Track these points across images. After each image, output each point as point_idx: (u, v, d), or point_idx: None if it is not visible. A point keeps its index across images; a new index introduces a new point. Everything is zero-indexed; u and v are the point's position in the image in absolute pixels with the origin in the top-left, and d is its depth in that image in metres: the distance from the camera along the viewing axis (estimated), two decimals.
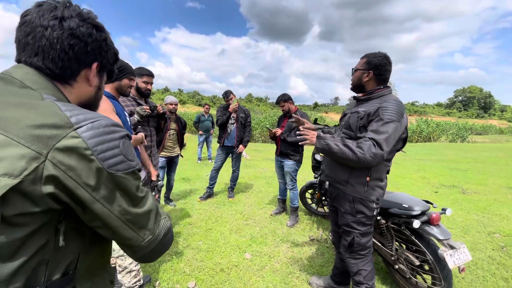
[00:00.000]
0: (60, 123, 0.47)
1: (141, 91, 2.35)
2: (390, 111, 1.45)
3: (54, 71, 0.58)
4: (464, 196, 4.80)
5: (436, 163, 8.24)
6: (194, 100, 79.99)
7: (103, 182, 0.50)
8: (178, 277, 2.22)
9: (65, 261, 0.53)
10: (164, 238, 0.64)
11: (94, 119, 0.51)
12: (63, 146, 0.46)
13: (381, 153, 1.40)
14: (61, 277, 0.53)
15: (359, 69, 1.66)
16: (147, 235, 0.59)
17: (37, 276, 0.49)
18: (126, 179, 0.54)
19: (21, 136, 0.44)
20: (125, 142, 0.55)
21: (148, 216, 0.59)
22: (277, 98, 3.40)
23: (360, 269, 1.69)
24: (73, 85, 0.63)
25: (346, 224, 1.68)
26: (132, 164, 0.55)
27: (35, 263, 0.48)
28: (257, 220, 3.48)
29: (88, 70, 0.64)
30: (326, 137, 1.60)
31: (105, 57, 0.67)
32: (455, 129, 20.95)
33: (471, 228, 3.41)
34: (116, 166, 0.52)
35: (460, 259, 1.74)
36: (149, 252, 0.61)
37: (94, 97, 0.69)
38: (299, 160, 3.34)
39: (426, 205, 1.96)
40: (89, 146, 0.48)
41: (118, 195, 0.53)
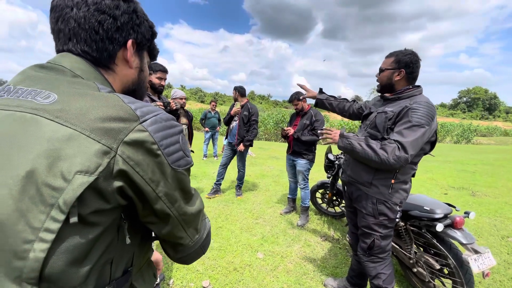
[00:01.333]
0: (126, 116, 0.44)
1: (154, 87, 2.31)
2: (420, 114, 1.40)
3: (92, 55, 0.54)
4: (474, 198, 4.74)
5: (443, 165, 8.16)
6: (197, 96, 79.99)
7: (167, 177, 0.48)
8: (191, 276, 2.20)
9: (125, 259, 0.53)
10: (206, 239, 0.63)
11: (156, 112, 0.48)
12: (131, 140, 0.43)
13: (406, 156, 1.36)
14: (122, 275, 0.52)
15: (388, 69, 1.58)
16: (195, 235, 0.59)
17: (103, 275, 0.48)
18: (185, 175, 0.52)
19: (90, 129, 0.41)
20: (183, 137, 0.52)
21: (198, 216, 0.59)
22: (291, 96, 3.34)
23: (379, 273, 1.65)
24: (115, 69, 0.58)
25: (367, 226, 1.64)
26: (189, 160, 0.53)
27: (103, 262, 0.47)
28: (267, 219, 3.45)
29: (124, 49, 0.58)
30: (349, 136, 1.56)
31: (139, 31, 0.60)
32: (460, 130, 20.76)
33: (484, 232, 3.36)
34: (178, 162, 0.50)
35: (484, 264, 1.70)
36: (191, 253, 0.61)
37: (137, 80, 0.64)
38: (312, 159, 3.30)
39: (448, 208, 1.91)
40: (156, 140, 0.45)
41: (177, 192, 0.52)
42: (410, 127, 1.38)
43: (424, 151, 1.54)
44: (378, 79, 1.66)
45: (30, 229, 0.38)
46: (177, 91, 3.41)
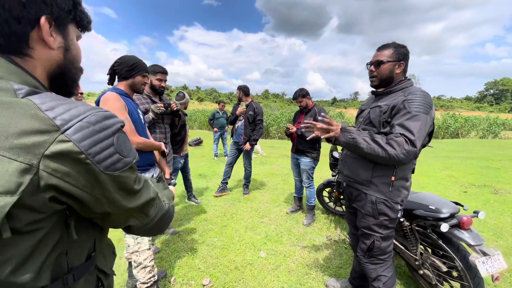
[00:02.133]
0: (44, 127, 0.41)
1: (155, 88, 2.35)
2: (417, 103, 1.33)
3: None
4: (496, 196, 4.46)
5: (465, 161, 7.73)
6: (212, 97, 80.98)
7: (102, 183, 0.48)
8: (193, 274, 2.22)
9: (85, 247, 0.57)
10: (161, 219, 0.67)
11: (81, 116, 0.45)
12: (53, 153, 0.41)
13: (414, 150, 1.29)
14: (85, 261, 0.57)
15: (390, 61, 1.50)
16: (144, 219, 0.61)
17: (59, 266, 0.50)
18: (124, 176, 0.51)
19: (5, 148, 0.38)
20: (119, 137, 0.50)
21: (147, 206, 0.60)
22: (294, 93, 3.29)
23: (379, 275, 1.59)
24: (31, 54, 0.51)
25: (367, 226, 1.58)
26: (128, 160, 0.52)
27: (54, 256, 0.49)
28: (272, 218, 3.43)
29: (38, 29, 0.50)
30: (352, 130, 1.48)
31: (53, 5, 0.51)
32: (486, 124, 19.54)
33: (505, 232, 3.15)
34: (113, 166, 0.48)
35: (493, 267, 1.58)
36: (146, 231, 0.66)
37: (64, 61, 0.56)
38: (316, 158, 3.23)
39: (455, 207, 1.80)
40: (82, 149, 0.43)
41: (118, 193, 0.52)
42: (411, 118, 1.31)
43: (423, 143, 1.46)
44: (377, 73, 1.55)
45: None
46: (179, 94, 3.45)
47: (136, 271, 1.77)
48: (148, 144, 1.76)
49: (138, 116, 1.78)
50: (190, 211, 3.59)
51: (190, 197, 3.92)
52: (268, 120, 18.10)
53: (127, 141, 0.53)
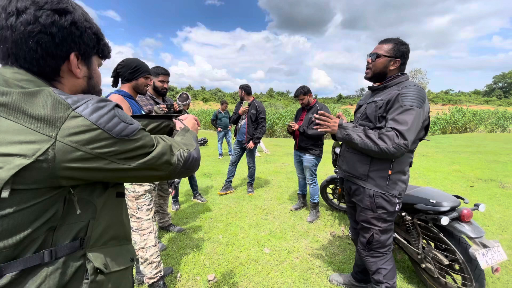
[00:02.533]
0: (59, 106, 0.51)
1: (158, 90, 2.41)
2: (410, 97, 1.36)
3: (32, 69, 0.56)
4: (503, 190, 4.41)
5: (472, 156, 7.63)
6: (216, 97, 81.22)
7: (118, 147, 0.56)
8: (198, 270, 2.28)
9: (74, 228, 0.58)
10: (185, 164, 0.72)
11: (86, 99, 0.55)
12: (70, 126, 0.50)
13: (405, 143, 1.32)
14: (70, 242, 0.57)
15: (386, 56, 1.52)
16: (168, 167, 0.68)
17: (45, 240, 0.54)
18: (135, 139, 0.59)
19: (30, 122, 0.48)
20: (118, 110, 0.59)
21: (164, 155, 0.66)
22: (296, 91, 3.32)
23: (379, 268, 1.61)
24: (61, 80, 0.61)
25: (365, 220, 1.60)
26: (134, 126, 0.60)
27: (44, 230, 0.53)
28: (276, 215, 3.47)
29: (68, 62, 0.60)
30: (348, 127, 1.52)
31: (81, 43, 0.60)
32: (494, 118, 19.17)
33: (510, 225, 3.13)
34: (123, 132, 0.57)
35: (493, 259, 1.60)
36: (176, 174, 0.72)
37: (87, 87, 0.67)
38: (319, 155, 3.26)
39: (456, 201, 1.82)
40: (92, 121, 0.52)
41: (134, 152, 0.60)
42: (403, 112, 1.34)
43: (419, 136, 1.48)
44: (372, 65, 1.57)
45: None
46: (182, 95, 3.52)
47: (143, 266, 1.83)
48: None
49: None
50: (195, 209, 3.65)
51: (195, 196, 3.98)
52: (272, 119, 18.09)
53: (126, 114, 0.61)
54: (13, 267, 0.50)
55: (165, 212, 2.89)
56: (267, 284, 2.11)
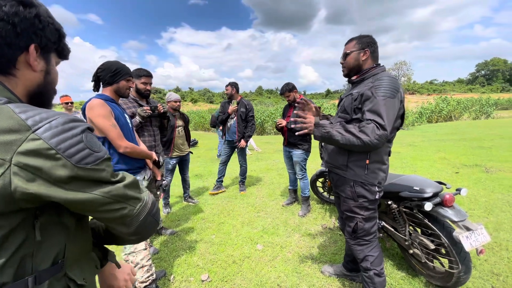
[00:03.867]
0: (17, 127, 0.47)
1: (140, 92, 2.37)
2: (384, 88, 1.39)
3: None
4: (487, 175, 4.55)
5: (457, 143, 7.85)
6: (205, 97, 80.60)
7: (75, 176, 0.52)
8: (191, 271, 2.27)
9: (51, 252, 0.57)
10: (153, 208, 0.69)
11: (50, 119, 0.51)
12: (26, 150, 0.47)
13: (385, 133, 1.35)
14: (51, 266, 0.57)
15: (354, 51, 1.60)
16: (137, 203, 0.64)
17: (24, 267, 0.53)
18: (97, 170, 0.56)
19: None
20: (87, 135, 0.55)
21: (130, 188, 0.63)
22: (281, 88, 3.34)
23: (366, 255, 1.65)
24: (16, 74, 0.58)
25: (348, 209, 1.64)
26: (100, 155, 0.57)
27: (19, 256, 0.52)
28: (268, 211, 3.49)
29: (26, 54, 0.58)
30: (325, 125, 1.53)
31: (42, 36, 0.60)
32: (478, 105, 19.76)
33: (495, 208, 3.24)
34: (85, 160, 0.53)
35: (477, 241, 1.65)
36: (142, 223, 0.66)
37: (44, 83, 0.64)
38: (308, 149, 3.29)
39: (438, 186, 1.87)
40: (51, 146, 0.49)
41: (96, 183, 0.56)
42: (379, 103, 1.37)
43: (396, 125, 1.51)
44: (345, 64, 1.66)
45: None
46: (172, 94, 3.48)
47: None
48: (137, 150, 1.79)
49: (125, 121, 1.81)
50: (187, 211, 3.63)
51: (186, 198, 3.96)
52: (262, 117, 18.11)
53: (95, 140, 0.58)
54: None
55: None
56: (260, 280, 2.12)
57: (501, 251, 2.37)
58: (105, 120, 1.62)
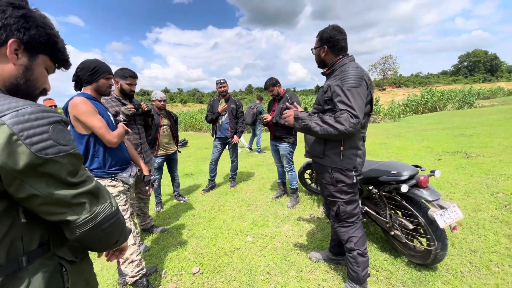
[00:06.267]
0: None
1: (125, 92, 2.38)
2: (349, 79, 1.48)
3: None
4: (468, 160, 4.74)
5: (440, 132, 8.10)
6: (195, 98, 79.91)
7: (31, 164, 0.53)
8: (183, 265, 2.31)
9: (37, 233, 0.62)
10: (105, 222, 0.66)
11: (19, 108, 0.54)
12: None
13: (359, 121, 1.43)
14: (38, 247, 0.62)
15: (316, 47, 1.72)
16: (83, 213, 0.62)
17: (15, 248, 0.58)
18: (58, 162, 0.57)
19: None
20: (55, 127, 0.58)
21: (83, 196, 0.62)
22: (265, 83, 3.40)
23: (350, 236, 1.73)
24: None
25: (329, 194, 1.71)
26: (64, 148, 0.58)
27: (10, 239, 0.56)
28: (258, 205, 3.55)
29: (4, 47, 0.63)
30: (304, 117, 1.61)
31: (26, 34, 0.65)
32: (461, 95, 20.41)
33: (474, 190, 3.39)
34: (45, 150, 0.55)
35: (450, 218, 1.76)
36: (86, 234, 0.64)
37: (23, 77, 0.67)
38: (294, 142, 3.36)
39: (414, 169, 1.97)
40: (14, 131, 0.51)
41: (48, 177, 0.56)
42: (346, 93, 1.45)
43: (366, 111, 1.60)
44: (315, 58, 1.78)
45: None
46: (157, 93, 3.48)
47: (124, 266, 1.84)
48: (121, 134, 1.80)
49: (109, 119, 1.83)
50: (178, 209, 3.65)
51: (176, 196, 3.98)
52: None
53: (66, 133, 0.61)
54: None
55: (146, 214, 2.87)
56: (250, 269, 2.18)
57: (478, 230, 2.50)
58: (91, 116, 1.63)
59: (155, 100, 3.36)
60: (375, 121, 15.38)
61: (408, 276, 1.96)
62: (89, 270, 0.78)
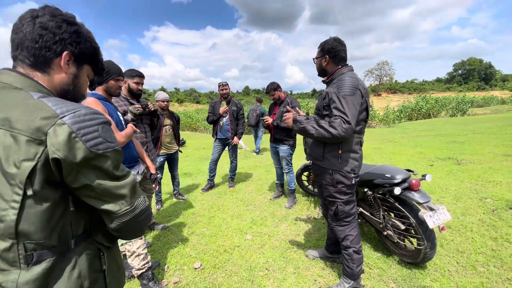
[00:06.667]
0: (49, 115, 0.60)
1: (133, 91, 2.47)
2: (344, 88, 1.61)
3: (29, 58, 0.69)
4: (459, 166, 4.91)
5: (433, 138, 8.32)
6: (192, 97, 79.75)
7: (86, 158, 0.63)
8: (184, 260, 2.40)
9: (82, 221, 0.72)
10: (141, 215, 0.75)
11: (75, 110, 0.64)
12: (54, 131, 0.60)
13: (350, 126, 1.56)
14: (83, 233, 0.73)
15: (318, 57, 1.86)
16: (124, 205, 0.70)
17: (66, 232, 0.68)
18: (107, 156, 0.67)
19: (26, 129, 0.58)
20: (103, 127, 0.68)
21: (125, 189, 0.71)
22: (267, 87, 3.52)
23: (347, 235, 1.84)
24: (49, 72, 0.73)
25: (329, 195, 1.83)
26: (111, 144, 0.68)
27: (62, 224, 0.67)
28: (257, 205, 3.65)
29: (60, 58, 0.73)
30: (301, 120, 1.74)
31: (77, 47, 0.75)
32: (455, 103, 20.83)
33: (463, 195, 3.54)
34: (97, 146, 0.64)
35: (439, 219, 1.88)
36: (124, 224, 0.72)
37: (72, 84, 0.77)
38: (293, 145, 3.48)
39: (407, 173, 2.10)
40: (73, 130, 0.61)
41: (98, 170, 0.66)
42: (341, 101, 1.59)
43: (362, 118, 1.73)
44: (315, 67, 1.92)
45: (4, 201, 0.59)
46: (160, 94, 3.58)
47: (131, 259, 1.92)
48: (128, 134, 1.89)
49: (118, 118, 1.92)
50: (178, 207, 3.74)
51: (176, 195, 4.07)
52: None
53: (111, 132, 0.71)
54: (49, 253, 0.64)
55: None
56: (250, 265, 2.28)
57: (466, 232, 2.64)
58: None
59: (159, 100, 3.45)
60: (370, 126, 15.63)
61: (399, 273, 2.08)
62: (119, 256, 0.88)
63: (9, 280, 0.60)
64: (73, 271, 0.68)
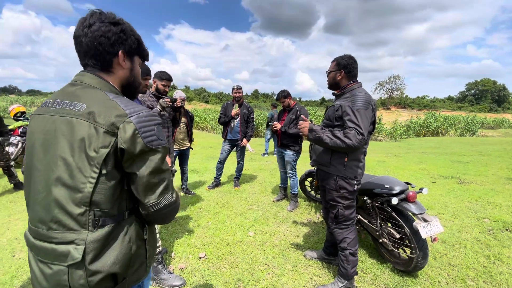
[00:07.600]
0: (121, 113, 0.77)
1: (160, 91, 2.73)
2: (358, 102, 1.77)
3: (97, 64, 0.84)
4: (460, 186, 4.97)
5: (438, 156, 8.35)
6: (201, 97, 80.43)
7: (142, 151, 0.79)
8: (190, 249, 2.57)
9: (132, 199, 0.87)
10: (165, 209, 0.86)
11: (139, 111, 0.80)
12: (123, 127, 0.77)
13: (363, 138, 1.72)
14: (133, 208, 0.88)
15: (332, 71, 1.99)
16: (151, 200, 0.83)
17: (123, 205, 0.84)
18: (157, 151, 0.83)
19: (104, 123, 0.75)
20: (158, 127, 0.84)
21: (157, 186, 0.83)
22: (278, 94, 3.70)
23: (344, 237, 1.99)
24: (113, 71, 0.88)
25: (332, 199, 1.98)
26: (162, 142, 0.85)
27: (121, 198, 0.83)
28: (260, 205, 3.81)
29: (117, 57, 0.86)
30: (317, 130, 1.90)
31: (126, 44, 0.87)
32: (464, 123, 20.67)
33: (461, 214, 3.62)
34: (152, 142, 0.81)
35: (432, 230, 2.01)
36: (151, 214, 0.85)
37: (131, 76, 0.92)
38: (299, 151, 3.64)
39: (405, 185, 2.23)
40: (137, 128, 0.78)
41: (148, 162, 0.80)
42: (355, 114, 1.74)
43: (369, 130, 1.88)
44: (327, 79, 2.06)
45: (84, 177, 0.76)
46: (178, 92, 3.78)
47: None
48: None
49: None
50: (185, 201, 3.92)
51: (184, 190, 4.25)
52: (257, 120, 18.49)
53: (163, 132, 0.88)
54: (110, 220, 0.80)
55: None
56: (251, 259, 2.43)
57: (460, 248, 2.74)
58: None
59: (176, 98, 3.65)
60: (376, 139, 15.65)
61: (391, 280, 2.21)
62: (155, 230, 1.05)
63: (80, 238, 0.77)
64: (125, 236, 0.84)
